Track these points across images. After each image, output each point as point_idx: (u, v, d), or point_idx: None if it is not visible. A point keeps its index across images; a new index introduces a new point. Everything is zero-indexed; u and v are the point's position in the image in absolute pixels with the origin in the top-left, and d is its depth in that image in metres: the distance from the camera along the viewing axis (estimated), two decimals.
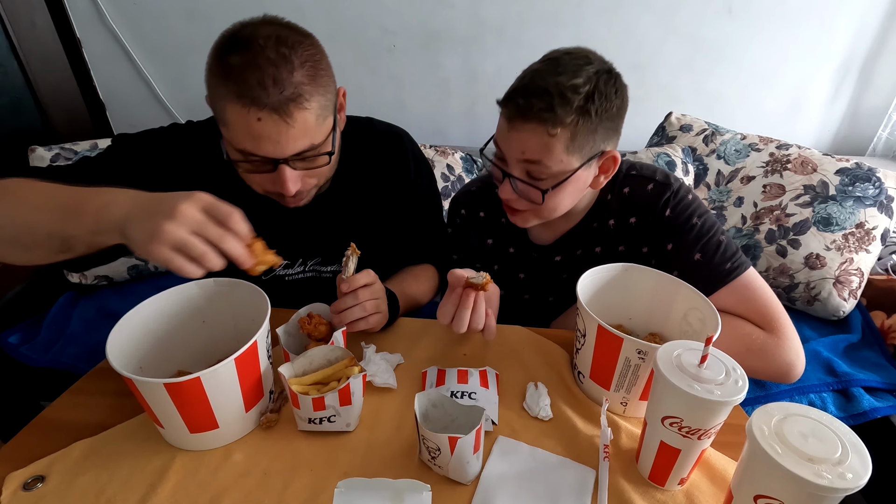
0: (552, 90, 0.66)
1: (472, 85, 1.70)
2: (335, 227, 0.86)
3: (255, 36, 0.62)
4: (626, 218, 0.83)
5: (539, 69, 0.70)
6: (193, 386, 0.52)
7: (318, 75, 0.65)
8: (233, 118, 0.63)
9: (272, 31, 0.64)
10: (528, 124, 0.68)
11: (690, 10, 1.56)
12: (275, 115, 0.62)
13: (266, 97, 0.61)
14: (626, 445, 0.60)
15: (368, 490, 0.52)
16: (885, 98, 1.66)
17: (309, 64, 0.64)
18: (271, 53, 0.61)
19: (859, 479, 0.40)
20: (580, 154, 0.70)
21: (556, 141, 0.68)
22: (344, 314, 0.70)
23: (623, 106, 0.72)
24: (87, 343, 1.16)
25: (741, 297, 0.75)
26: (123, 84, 1.73)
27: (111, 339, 0.56)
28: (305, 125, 0.65)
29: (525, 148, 0.70)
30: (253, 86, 0.60)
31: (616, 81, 0.71)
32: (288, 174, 0.68)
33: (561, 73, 0.67)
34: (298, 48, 0.64)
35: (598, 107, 0.67)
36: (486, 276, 0.66)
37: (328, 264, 0.90)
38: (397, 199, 0.90)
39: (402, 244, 0.94)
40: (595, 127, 0.69)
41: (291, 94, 0.62)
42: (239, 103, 0.61)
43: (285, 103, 0.62)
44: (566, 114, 0.66)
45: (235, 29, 0.65)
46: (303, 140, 0.66)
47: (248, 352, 0.55)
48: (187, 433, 0.56)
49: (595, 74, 0.68)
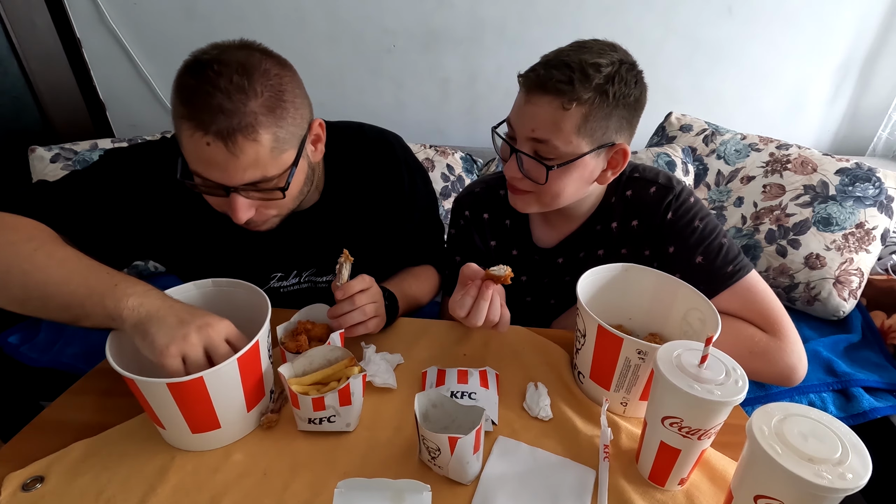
0: (574, 65, 0.66)
1: (472, 85, 1.70)
2: (328, 238, 0.85)
3: (217, 60, 0.60)
4: (629, 221, 0.83)
5: (565, 49, 0.71)
6: (196, 386, 0.52)
7: (277, 107, 0.63)
8: (185, 140, 0.61)
9: (241, 56, 0.62)
10: (546, 96, 0.68)
11: (690, 10, 1.56)
12: (220, 143, 0.60)
13: (213, 124, 0.59)
14: (626, 445, 0.60)
15: (368, 490, 0.52)
16: (885, 98, 1.66)
17: (269, 94, 0.62)
18: (225, 81, 0.59)
19: (859, 479, 0.40)
20: (591, 139, 0.70)
21: (569, 118, 0.67)
22: (342, 319, 0.69)
23: (641, 100, 0.72)
24: (87, 343, 1.16)
25: (743, 300, 0.75)
26: (123, 84, 1.73)
27: (111, 339, 0.56)
28: (256, 157, 0.62)
29: (536, 124, 0.70)
30: (201, 110, 0.59)
31: (637, 74, 0.71)
32: (239, 202, 0.66)
33: (586, 51, 0.68)
34: (262, 77, 0.62)
35: (616, 90, 0.67)
36: (507, 269, 0.65)
37: (323, 274, 0.90)
38: (392, 209, 0.89)
39: (400, 250, 0.93)
40: (610, 112, 0.68)
41: (239, 123, 0.59)
42: (191, 125, 0.60)
43: (232, 132, 0.59)
44: (584, 90, 0.66)
45: (203, 50, 0.63)
46: (252, 171, 0.63)
47: (250, 351, 0.55)
48: (189, 433, 0.56)
49: (619, 61, 0.68)
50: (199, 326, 0.55)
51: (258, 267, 0.84)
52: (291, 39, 1.62)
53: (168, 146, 0.78)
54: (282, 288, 0.89)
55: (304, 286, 0.90)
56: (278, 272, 0.87)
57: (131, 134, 1.56)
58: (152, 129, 1.69)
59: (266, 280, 0.87)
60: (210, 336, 0.56)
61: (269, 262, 0.86)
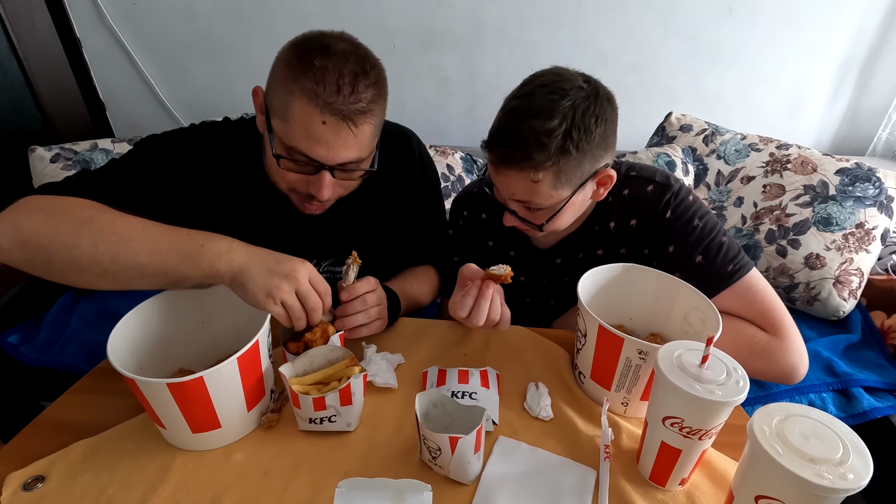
0: (528, 136, 0.67)
1: (472, 85, 1.70)
2: (348, 228, 0.87)
3: (338, 47, 0.66)
4: (627, 220, 0.83)
5: (515, 109, 0.70)
6: (196, 386, 0.52)
7: (381, 97, 0.70)
8: (298, 115, 0.65)
9: (351, 47, 0.67)
10: (511, 171, 0.70)
11: (690, 10, 1.56)
12: (342, 122, 0.65)
13: (340, 103, 0.64)
14: (626, 446, 0.60)
15: (369, 490, 0.52)
16: (885, 98, 1.66)
17: (378, 85, 0.68)
18: (354, 66, 0.65)
19: (860, 479, 0.40)
20: (570, 185, 0.71)
21: (541, 184, 0.69)
22: (348, 319, 0.70)
23: (608, 128, 0.71)
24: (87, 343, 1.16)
25: (744, 299, 0.75)
26: (123, 84, 1.73)
27: (112, 339, 0.56)
28: (363, 138, 0.68)
29: (513, 190, 0.73)
30: (332, 90, 0.63)
31: (596, 107, 0.68)
32: (327, 180, 0.70)
33: (535, 115, 0.67)
34: (374, 69, 0.68)
35: (577, 141, 0.67)
36: (507, 268, 0.66)
37: (342, 265, 0.91)
38: (403, 197, 0.91)
39: (406, 244, 0.94)
40: (580, 159, 0.69)
41: (362, 107, 0.66)
42: (311, 102, 0.64)
43: (355, 113, 0.65)
44: (545, 158, 0.67)
45: (318, 35, 0.68)
46: (354, 151, 0.69)
47: (250, 351, 0.55)
48: (189, 433, 0.56)
49: (571, 109, 0.66)
50: (286, 274, 0.59)
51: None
52: None
53: (202, 134, 0.80)
54: None
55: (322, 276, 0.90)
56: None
57: (131, 134, 1.56)
58: (152, 129, 1.68)
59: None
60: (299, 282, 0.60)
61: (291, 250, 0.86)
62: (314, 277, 0.62)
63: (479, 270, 0.69)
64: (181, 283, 0.61)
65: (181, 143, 0.78)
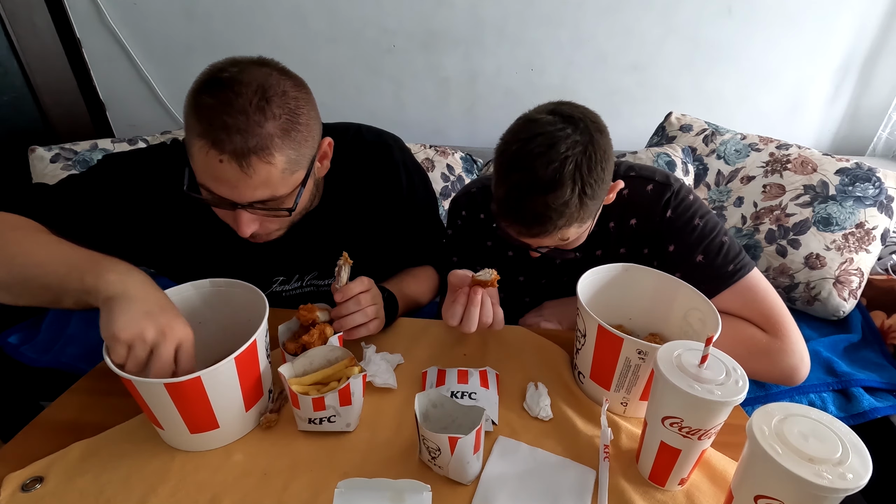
0: (544, 212, 0.66)
1: (472, 85, 1.70)
2: (329, 242, 0.85)
3: (237, 80, 0.60)
4: (627, 220, 0.83)
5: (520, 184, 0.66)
6: (194, 385, 0.52)
7: (293, 129, 0.63)
8: (197, 154, 0.61)
9: (259, 76, 0.62)
10: (537, 239, 0.71)
11: (690, 10, 1.56)
12: (234, 163, 0.60)
13: (229, 143, 0.59)
14: (626, 446, 0.60)
15: (368, 490, 0.52)
16: (885, 98, 1.66)
17: (286, 118, 0.63)
18: (244, 102, 0.59)
19: (860, 479, 0.40)
20: (591, 218, 0.73)
21: (568, 231, 0.70)
22: (345, 320, 0.69)
23: (610, 158, 0.70)
24: (87, 343, 1.16)
25: (745, 300, 0.74)
26: (123, 84, 1.73)
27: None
28: (267, 177, 0.63)
29: (540, 245, 0.74)
30: (218, 129, 0.59)
31: (596, 154, 0.66)
32: (244, 218, 0.67)
33: (543, 189, 0.65)
34: (279, 99, 0.62)
35: (591, 192, 0.66)
36: (493, 273, 0.66)
37: (325, 278, 0.90)
38: (391, 211, 0.88)
39: (400, 251, 0.93)
40: (597, 198, 0.69)
41: (255, 145, 0.60)
42: (204, 141, 0.60)
43: (247, 153, 0.60)
44: (569, 221, 0.67)
45: (221, 66, 0.63)
46: (262, 191, 0.64)
47: (247, 351, 0.55)
48: (188, 434, 0.56)
49: (575, 170, 0.65)
50: (159, 326, 0.54)
51: (260, 271, 0.84)
52: (291, 39, 1.62)
53: (168, 152, 0.78)
54: (284, 292, 0.89)
55: (306, 290, 0.90)
56: (280, 276, 0.87)
57: (131, 134, 1.56)
58: (152, 129, 1.69)
59: (268, 284, 0.87)
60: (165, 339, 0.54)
61: (271, 266, 0.86)
62: (185, 348, 0.56)
63: (467, 276, 0.68)
64: (61, 297, 0.59)
65: (143, 163, 0.76)
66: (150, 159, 0.77)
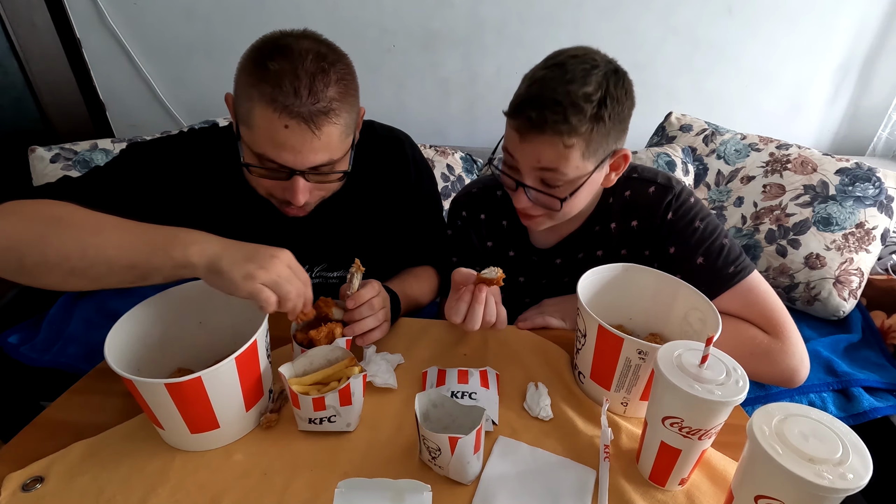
0: (564, 101, 0.65)
1: (472, 85, 1.70)
2: (339, 233, 0.86)
3: (297, 47, 0.64)
4: (628, 221, 0.83)
5: (546, 77, 0.68)
6: (194, 386, 0.52)
7: (348, 94, 0.68)
8: (260, 122, 0.64)
9: (312, 45, 0.65)
10: (543, 136, 0.67)
11: (690, 9, 1.56)
12: (303, 125, 0.63)
13: (299, 105, 0.62)
14: (626, 446, 0.60)
15: (369, 490, 0.52)
16: (885, 98, 1.66)
17: (343, 82, 0.67)
18: (311, 65, 0.63)
19: (860, 479, 0.40)
20: (595, 157, 0.70)
21: (573, 150, 0.67)
22: (358, 325, 0.69)
23: (632, 104, 0.72)
24: (87, 343, 1.16)
25: (745, 301, 0.75)
26: (123, 84, 1.73)
27: (109, 339, 0.56)
28: (330, 139, 0.66)
29: (540, 157, 0.70)
30: (288, 93, 0.62)
31: (624, 81, 0.70)
32: (300, 185, 0.69)
33: (570, 80, 0.66)
34: (336, 65, 0.66)
35: (610, 111, 0.67)
36: (498, 271, 0.66)
37: (334, 270, 0.90)
38: (398, 203, 0.90)
39: (403, 247, 0.94)
40: (608, 130, 0.68)
41: (324, 107, 0.64)
42: (270, 107, 0.62)
43: (316, 115, 0.63)
44: (581, 123, 0.66)
45: (276, 36, 0.66)
46: (323, 154, 0.67)
47: (248, 351, 0.55)
48: (188, 434, 0.56)
49: (604, 78, 0.67)
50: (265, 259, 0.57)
51: None
52: None
53: (188, 141, 0.79)
54: None
55: (315, 281, 0.90)
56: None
57: (131, 134, 1.56)
58: (152, 129, 1.69)
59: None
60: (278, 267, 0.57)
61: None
62: (294, 265, 0.60)
63: (471, 275, 0.68)
64: (151, 275, 0.58)
65: (164, 152, 0.77)
66: (169, 148, 0.78)
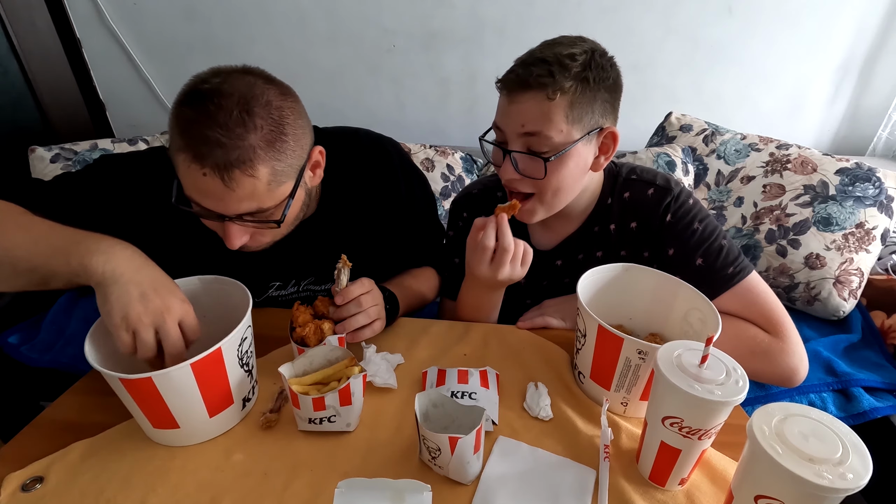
0: (550, 59, 0.69)
1: (472, 85, 1.70)
2: (326, 247, 0.84)
3: (217, 91, 0.59)
4: (628, 223, 0.83)
5: (536, 48, 0.74)
6: (146, 385, 0.52)
7: (277, 140, 0.62)
8: (181, 168, 0.61)
9: (241, 86, 0.61)
10: (528, 92, 0.70)
11: (690, 9, 1.56)
12: (216, 177, 0.59)
13: (210, 157, 0.58)
14: (626, 445, 0.60)
15: (369, 490, 0.52)
16: (885, 98, 1.66)
17: (270, 129, 0.61)
18: (224, 114, 0.58)
19: (860, 479, 0.40)
20: (580, 125, 0.71)
21: (556, 107, 0.69)
22: (347, 323, 0.69)
23: (618, 82, 0.74)
24: None
25: (744, 302, 0.75)
26: (123, 84, 1.73)
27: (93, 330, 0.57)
28: (252, 190, 0.61)
29: (525, 119, 0.71)
30: (199, 143, 0.58)
31: (610, 59, 0.74)
32: (233, 230, 0.66)
33: (558, 45, 0.71)
34: (262, 110, 0.61)
35: (595, 75, 0.70)
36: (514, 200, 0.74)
37: (321, 283, 0.90)
38: (389, 214, 0.88)
39: (400, 253, 0.93)
40: (594, 96, 0.70)
41: (237, 158, 0.58)
42: (185, 155, 0.59)
43: (229, 167, 0.59)
44: (565, 79, 0.68)
45: (204, 77, 0.62)
46: (248, 203, 0.63)
47: (207, 358, 0.54)
48: (151, 427, 0.57)
49: (591, 50, 0.71)
50: (156, 308, 0.55)
51: (256, 276, 0.83)
52: (291, 39, 1.62)
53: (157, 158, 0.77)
54: (280, 297, 0.88)
55: (302, 295, 0.90)
56: (276, 281, 0.87)
57: (131, 134, 1.56)
58: (152, 129, 1.69)
59: (264, 289, 0.87)
60: (165, 321, 0.55)
61: (268, 271, 0.85)
62: (187, 322, 0.57)
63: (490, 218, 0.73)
64: (50, 280, 0.57)
65: (139, 167, 0.75)
66: (146, 162, 0.76)
